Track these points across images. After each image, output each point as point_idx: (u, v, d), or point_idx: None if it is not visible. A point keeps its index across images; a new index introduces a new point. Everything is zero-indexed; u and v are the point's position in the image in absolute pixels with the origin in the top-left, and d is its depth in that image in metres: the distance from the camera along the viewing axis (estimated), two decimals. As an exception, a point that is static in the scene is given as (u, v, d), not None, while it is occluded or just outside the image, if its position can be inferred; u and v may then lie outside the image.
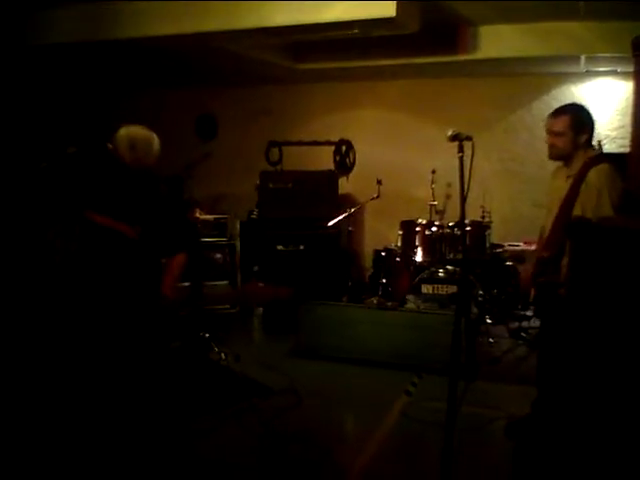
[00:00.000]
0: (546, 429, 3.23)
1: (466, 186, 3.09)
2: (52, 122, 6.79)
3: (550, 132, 3.38)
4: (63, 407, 3.32)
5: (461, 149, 3.16)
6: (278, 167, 7.28)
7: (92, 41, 5.16)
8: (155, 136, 3.45)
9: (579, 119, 3.33)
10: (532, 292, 3.51)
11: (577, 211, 3.22)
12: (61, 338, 3.30)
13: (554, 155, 3.41)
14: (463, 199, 3.10)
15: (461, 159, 3.15)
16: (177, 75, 7.46)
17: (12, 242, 4.28)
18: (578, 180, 3.24)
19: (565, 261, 3.22)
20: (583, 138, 3.33)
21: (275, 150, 7.38)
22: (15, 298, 4.26)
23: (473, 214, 5.83)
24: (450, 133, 3.28)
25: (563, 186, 3.36)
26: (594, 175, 3.20)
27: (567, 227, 2.90)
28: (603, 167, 3.24)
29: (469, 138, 3.17)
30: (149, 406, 3.58)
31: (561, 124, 3.31)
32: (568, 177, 3.36)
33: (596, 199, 3.17)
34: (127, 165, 3.30)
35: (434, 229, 6.06)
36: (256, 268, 6.67)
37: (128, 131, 3.37)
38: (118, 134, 3.35)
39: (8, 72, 6.21)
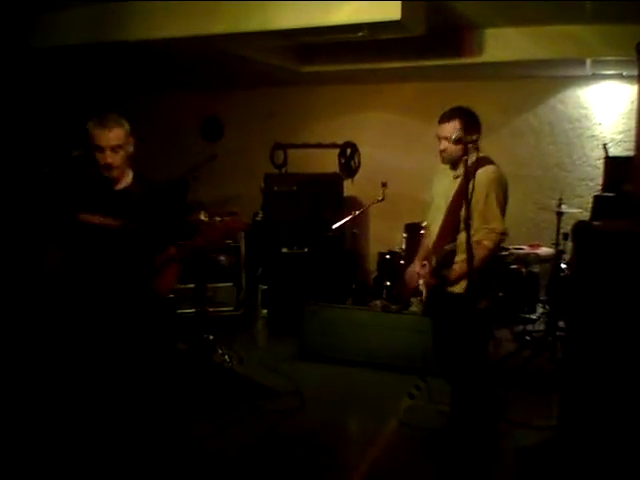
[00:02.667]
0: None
1: (471, 190, 3.10)
2: (56, 125, 6.80)
3: (442, 137, 3.39)
4: (65, 408, 3.32)
5: (466, 152, 3.18)
6: (283, 169, 7.29)
7: (96, 43, 5.16)
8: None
9: (469, 122, 3.37)
10: (424, 292, 3.52)
11: (465, 210, 3.24)
12: (64, 338, 3.29)
13: (446, 159, 3.46)
14: (468, 202, 3.11)
15: (465, 162, 3.17)
16: (183, 78, 7.46)
17: (14, 247, 4.27)
18: (467, 180, 3.25)
19: (458, 258, 3.31)
20: (472, 140, 3.34)
21: (280, 152, 7.39)
22: (16, 304, 4.26)
23: (478, 217, 5.81)
24: (454, 136, 3.30)
25: (451, 186, 3.44)
26: (481, 176, 3.25)
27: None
28: (489, 168, 3.35)
29: (473, 141, 3.18)
30: (153, 408, 3.58)
31: (452, 128, 3.33)
32: (456, 177, 3.43)
33: (483, 200, 3.29)
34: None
35: (439, 232, 6.04)
36: (260, 270, 6.67)
37: None
38: None
39: (12, 75, 6.23)
